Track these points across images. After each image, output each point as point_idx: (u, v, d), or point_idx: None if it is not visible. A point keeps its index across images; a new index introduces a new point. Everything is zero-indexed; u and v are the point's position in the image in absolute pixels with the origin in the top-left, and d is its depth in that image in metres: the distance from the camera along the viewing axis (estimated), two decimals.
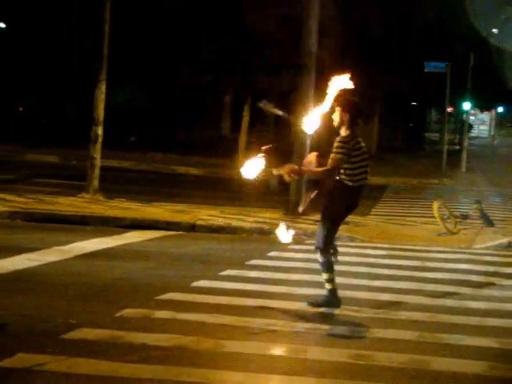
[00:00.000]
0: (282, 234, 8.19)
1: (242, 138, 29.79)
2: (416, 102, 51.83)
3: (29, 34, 35.30)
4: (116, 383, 5.60)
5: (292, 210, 15.28)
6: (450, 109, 47.69)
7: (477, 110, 70.44)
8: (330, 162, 7.69)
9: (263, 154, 7.69)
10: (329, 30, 24.57)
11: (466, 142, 38.06)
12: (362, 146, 7.88)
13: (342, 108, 7.83)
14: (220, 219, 14.06)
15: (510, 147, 58.64)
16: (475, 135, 71.96)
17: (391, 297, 8.66)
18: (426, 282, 9.57)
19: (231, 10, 29.04)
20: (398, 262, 10.95)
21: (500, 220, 16.57)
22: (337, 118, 7.85)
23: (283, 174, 7.71)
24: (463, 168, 35.42)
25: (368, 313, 7.91)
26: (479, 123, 78.80)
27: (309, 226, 13.40)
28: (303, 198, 9.64)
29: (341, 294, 8.04)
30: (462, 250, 12.63)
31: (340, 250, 8.23)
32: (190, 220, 13.81)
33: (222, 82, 31.21)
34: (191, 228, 13.45)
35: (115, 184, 19.19)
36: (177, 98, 36.51)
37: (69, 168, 24.91)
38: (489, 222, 15.31)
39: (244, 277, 9.39)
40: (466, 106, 39.71)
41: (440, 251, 12.29)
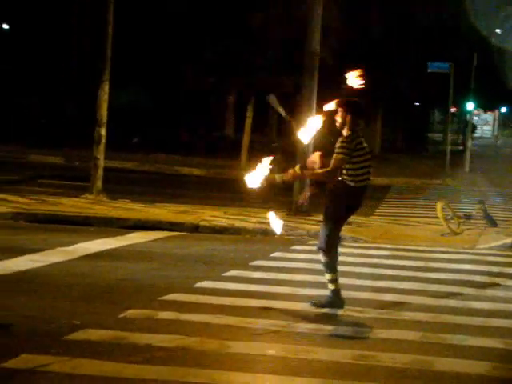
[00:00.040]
0: (274, 224, 8.15)
1: (246, 138, 29.80)
2: (419, 102, 51.81)
3: (29, 34, 35.33)
4: None
5: (295, 211, 15.31)
6: (453, 109, 47.64)
7: (480, 111, 70.47)
8: (332, 162, 7.71)
9: (267, 164, 7.72)
10: (330, 31, 24.55)
11: (469, 142, 38.07)
12: (364, 146, 7.87)
13: (343, 109, 7.84)
14: (223, 220, 14.06)
15: None
16: (478, 135, 71.93)
17: (394, 297, 8.65)
18: (429, 283, 9.56)
19: (234, 12, 29.04)
20: (401, 263, 10.94)
21: (503, 220, 16.56)
22: (339, 119, 7.86)
23: (286, 180, 7.76)
24: (466, 168, 35.42)
25: (371, 313, 7.91)
26: (482, 123, 78.83)
27: (312, 226, 13.41)
28: (303, 192, 9.66)
29: (344, 295, 8.03)
30: (466, 250, 12.62)
31: (343, 250, 8.24)
32: (193, 221, 13.81)
33: (226, 83, 31.20)
34: (194, 229, 13.45)
35: (118, 185, 19.19)
36: (180, 100, 36.53)
37: (71, 169, 24.94)
38: (492, 223, 15.30)
39: (247, 277, 9.39)
40: (470, 106, 39.70)
41: (443, 251, 12.28)
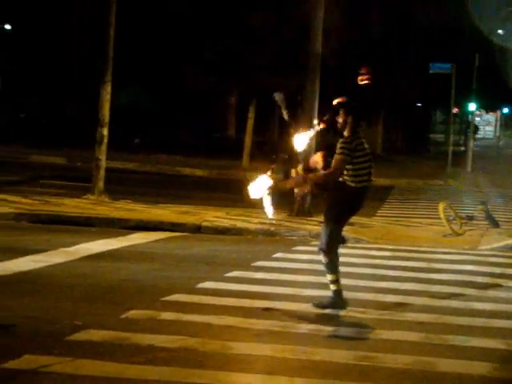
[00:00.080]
0: (266, 206, 8.04)
1: (248, 139, 29.79)
2: (420, 103, 51.75)
3: (29, 35, 35.35)
4: None
5: (296, 212, 15.30)
6: (455, 110, 47.62)
7: (482, 111, 70.40)
8: (333, 163, 7.71)
9: (268, 174, 7.73)
10: (331, 31, 24.53)
11: (471, 143, 38.04)
12: (365, 147, 7.87)
13: (344, 110, 7.84)
14: (225, 220, 14.05)
15: None
16: (481, 136, 71.84)
17: (396, 298, 8.65)
18: (431, 284, 9.56)
19: (234, 12, 29.02)
20: (403, 264, 10.93)
21: (505, 221, 16.53)
22: (340, 120, 7.86)
23: (290, 187, 7.80)
24: (468, 169, 35.40)
25: (373, 314, 7.91)
26: (484, 124, 78.73)
27: (314, 227, 13.40)
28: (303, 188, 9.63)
29: (346, 296, 8.02)
30: (468, 251, 12.61)
31: (345, 251, 8.23)
32: (195, 221, 13.80)
33: (226, 84, 31.18)
34: (197, 229, 13.44)
35: (120, 185, 19.18)
36: (180, 100, 36.53)
37: (73, 169, 24.93)
38: (494, 223, 15.27)
39: (249, 278, 9.39)
40: (472, 106, 39.68)
41: (445, 252, 12.27)
